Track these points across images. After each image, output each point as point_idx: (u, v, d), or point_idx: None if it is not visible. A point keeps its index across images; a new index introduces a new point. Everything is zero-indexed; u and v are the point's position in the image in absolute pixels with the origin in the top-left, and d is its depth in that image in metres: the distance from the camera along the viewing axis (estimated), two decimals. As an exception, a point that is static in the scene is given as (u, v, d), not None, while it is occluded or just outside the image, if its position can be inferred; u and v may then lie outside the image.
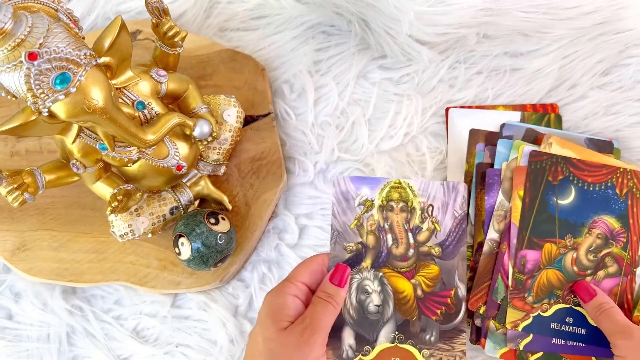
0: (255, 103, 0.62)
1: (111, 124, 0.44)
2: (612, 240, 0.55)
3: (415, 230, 0.50)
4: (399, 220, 0.50)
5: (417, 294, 0.49)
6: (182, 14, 0.65)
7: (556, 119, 0.61)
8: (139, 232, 0.55)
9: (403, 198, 0.50)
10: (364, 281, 0.49)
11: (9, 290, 0.61)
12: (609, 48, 0.62)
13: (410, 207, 0.50)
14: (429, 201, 0.51)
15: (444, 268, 0.50)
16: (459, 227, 0.50)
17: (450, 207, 0.51)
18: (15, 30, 0.39)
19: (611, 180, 0.56)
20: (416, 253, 0.50)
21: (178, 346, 0.60)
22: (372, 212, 0.50)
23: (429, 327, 0.49)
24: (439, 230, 0.50)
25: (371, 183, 0.51)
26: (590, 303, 0.52)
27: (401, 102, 0.63)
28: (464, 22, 0.60)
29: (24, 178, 0.48)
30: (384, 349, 0.48)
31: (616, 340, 0.48)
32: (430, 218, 0.50)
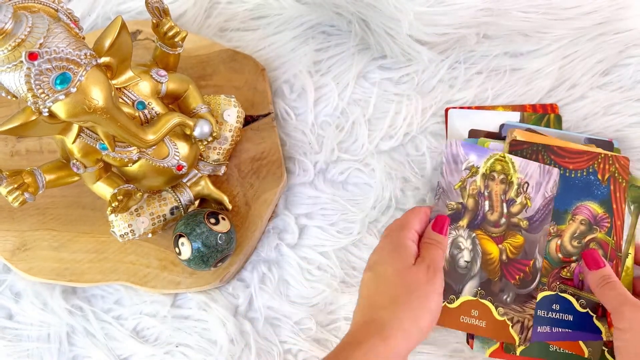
0: (255, 103, 0.62)
1: (111, 124, 0.44)
2: (595, 225, 0.56)
3: (510, 202, 0.56)
4: (497, 190, 0.56)
5: (502, 258, 0.55)
6: (182, 14, 0.65)
7: (556, 119, 0.61)
8: (139, 232, 0.55)
9: (504, 171, 0.56)
10: (458, 238, 0.55)
11: (9, 290, 0.61)
12: (609, 48, 0.62)
13: (509, 181, 0.56)
14: (525, 178, 0.56)
15: (528, 240, 0.55)
16: (547, 207, 0.56)
17: (543, 187, 0.56)
18: (15, 30, 0.39)
19: (592, 166, 0.56)
20: (507, 222, 0.55)
21: (178, 346, 0.60)
22: (475, 178, 0.56)
23: (507, 288, 0.54)
24: (529, 206, 0.56)
25: (479, 151, 0.56)
26: (596, 272, 0.52)
27: (401, 102, 0.63)
28: (463, 22, 0.60)
29: (24, 178, 0.48)
30: (466, 300, 0.54)
31: (625, 310, 0.48)
32: (524, 194, 0.56)
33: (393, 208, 0.61)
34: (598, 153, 0.57)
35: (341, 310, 0.60)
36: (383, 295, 0.48)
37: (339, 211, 0.62)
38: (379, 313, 0.47)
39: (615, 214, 0.56)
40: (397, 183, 0.62)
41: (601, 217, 0.56)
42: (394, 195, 0.61)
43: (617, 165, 0.57)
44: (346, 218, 0.62)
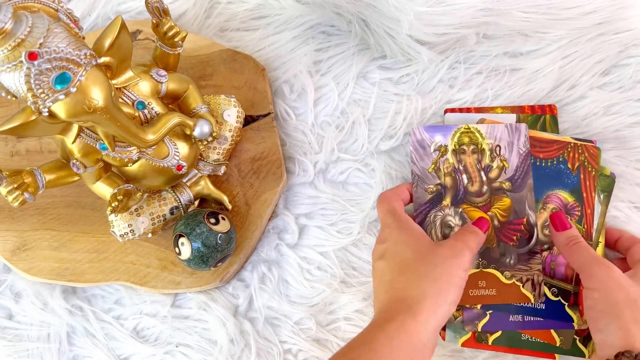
0: (255, 103, 0.62)
1: (111, 124, 0.44)
2: (566, 214, 0.56)
3: (487, 169, 0.57)
4: (471, 161, 0.57)
5: (494, 224, 0.56)
6: (182, 14, 0.65)
7: (552, 120, 0.61)
8: (139, 232, 0.55)
9: (473, 141, 0.57)
10: (446, 217, 0.56)
11: (9, 290, 0.61)
12: (609, 48, 0.62)
13: (480, 149, 0.57)
14: (496, 142, 0.57)
15: (515, 199, 0.56)
16: (524, 162, 0.56)
17: (515, 145, 0.57)
18: (15, 30, 0.39)
19: (562, 155, 0.57)
20: (489, 189, 0.56)
21: (178, 346, 0.60)
22: (446, 157, 0.57)
23: (507, 251, 0.55)
24: (507, 167, 0.56)
25: (443, 130, 0.57)
26: (563, 233, 0.52)
27: (401, 102, 0.63)
28: (463, 23, 0.60)
29: (24, 178, 0.48)
30: (472, 273, 0.55)
31: (593, 268, 0.48)
32: (498, 157, 0.57)
33: (393, 208, 0.62)
34: (567, 142, 0.57)
35: (341, 310, 0.60)
36: (407, 276, 0.48)
37: (338, 211, 0.62)
38: (405, 292, 0.47)
39: (586, 202, 0.56)
40: (397, 183, 0.62)
41: (572, 205, 0.56)
42: (393, 195, 0.61)
43: (587, 154, 0.57)
44: (346, 218, 0.62)
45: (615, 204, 0.60)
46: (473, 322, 0.55)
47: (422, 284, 0.47)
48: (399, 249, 0.50)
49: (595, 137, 0.61)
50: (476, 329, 0.55)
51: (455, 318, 0.56)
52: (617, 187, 0.60)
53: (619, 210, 0.60)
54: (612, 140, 0.62)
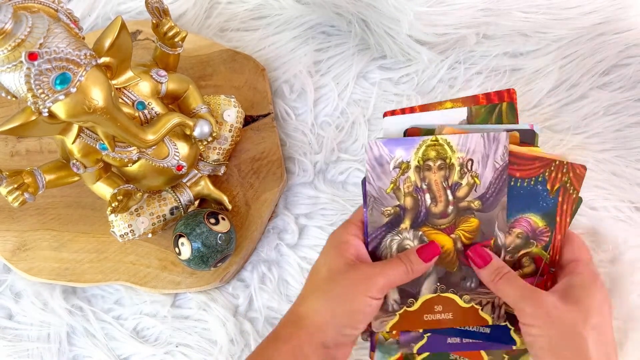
0: (255, 103, 0.62)
1: (111, 124, 0.44)
2: (533, 239, 0.50)
3: (454, 187, 0.49)
4: (437, 178, 0.49)
5: (457, 247, 0.50)
6: (182, 14, 0.65)
7: (508, 109, 0.51)
8: (139, 232, 0.55)
9: (441, 155, 0.49)
10: (404, 241, 0.50)
11: (10, 290, 0.61)
12: (609, 48, 0.62)
13: (448, 164, 0.49)
14: (468, 156, 0.49)
15: (484, 220, 0.50)
16: (500, 178, 0.49)
17: (491, 158, 0.49)
18: (15, 31, 0.39)
19: (543, 174, 0.49)
20: (455, 209, 0.49)
21: (178, 346, 0.60)
22: (408, 174, 0.49)
23: (469, 275, 0.50)
24: (478, 184, 0.49)
25: (406, 144, 0.49)
26: (486, 268, 0.48)
27: (401, 102, 0.63)
28: (463, 23, 0.60)
29: (24, 178, 0.48)
30: (427, 299, 0.50)
31: (525, 304, 0.45)
32: (469, 173, 0.49)
33: (393, 208, 0.62)
34: (552, 160, 0.49)
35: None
36: (313, 293, 0.47)
37: (338, 211, 0.62)
38: (300, 307, 0.47)
39: (558, 228, 0.50)
40: (397, 183, 0.62)
41: (541, 230, 0.50)
42: (394, 195, 0.61)
43: (571, 174, 0.49)
44: (346, 218, 0.62)
45: (615, 204, 0.60)
46: (409, 345, 0.52)
47: (317, 302, 0.46)
48: (318, 267, 0.48)
49: (595, 137, 0.61)
50: (411, 351, 0.52)
51: (386, 340, 0.52)
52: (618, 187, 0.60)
53: (619, 211, 0.60)
54: (612, 140, 0.62)
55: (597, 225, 0.61)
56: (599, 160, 0.62)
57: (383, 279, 0.46)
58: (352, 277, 0.46)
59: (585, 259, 0.48)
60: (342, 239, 0.48)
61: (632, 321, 0.59)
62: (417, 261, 0.47)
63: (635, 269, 0.59)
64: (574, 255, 0.48)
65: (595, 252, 0.61)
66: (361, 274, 0.46)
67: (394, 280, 0.47)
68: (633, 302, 0.59)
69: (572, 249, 0.49)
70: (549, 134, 0.63)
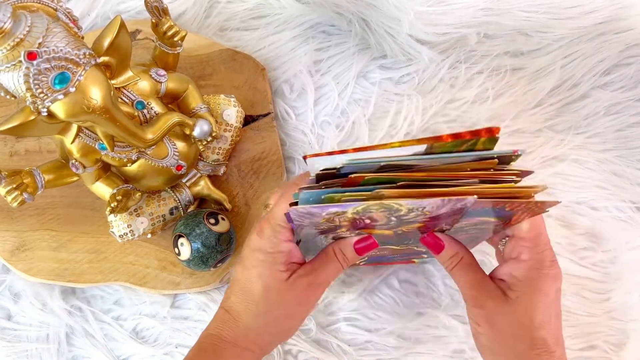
0: (255, 103, 0.62)
1: (110, 124, 0.44)
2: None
3: (401, 217, 0.41)
4: (380, 215, 0.40)
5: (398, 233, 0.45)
6: (181, 14, 0.65)
7: (487, 141, 0.37)
8: (138, 232, 0.55)
9: (387, 208, 0.38)
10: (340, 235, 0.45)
11: (9, 290, 0.60)
12: (610, 47, 0.62)
13: (395, 209, 0.39)
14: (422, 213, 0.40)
15: (430, 225, 0.43)
16: (454, 215, 0.41)
17: (452, 218, 0.41)
18: (14, 30, 0.39)
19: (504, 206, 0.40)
20: (398, 221, 0.41)
21: (177, 347, 0.59)
22: (344, 216, 0.40)
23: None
24: (427, 214, 0.40)
25: (339, 207, 0.38)
26: (440, 255, 0.46)
27: (401, 101, 0.63)
28: (464, 22, 0.59)
29: (23, 178, 0.48)
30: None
31: (470, 304, 0.45)
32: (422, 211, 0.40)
33: (393, 208, 0.61)
34: (519, 203, 0.39)
35: (341, 311, 0.60)
36: (250, 308, 0.45)
37: (339, 211, 0.62)
38: (237, 320, 0.46)
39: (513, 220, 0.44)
40: (397, 183, 0.61)
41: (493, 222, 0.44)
42: (394, 195, 0.61)
43: (535, 208, 0.40)
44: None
45: (616, 204, 0.60)
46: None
47: (255, 321, 0.45)
48: (251, 280, 0.45)
49: (596, 137, 0.61)
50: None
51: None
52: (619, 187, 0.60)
53: (620, 211, 0.60)
54: (613, 140, 0.61)
55: (598, 225, 0.61)
56: (600, 160, 0.62)
57: (322, 288, 0.46)
58: (291, 298, 0.45)
59: (534, 238, 0.43)
60: (274, 247, 0.44)
61: (632, 321, 0.59)
62: (353, 257, 0.46)
63: (636, 269, 0.59)
64: (525, 231, 0.43)
65: (595, 252, 0.61)
66: (300, 293, 0.44)
67: (330, 281, 0.46)
68: (634, 302, 0.59)
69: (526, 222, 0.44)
70: (550, 134, 0.63)
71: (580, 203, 0.61)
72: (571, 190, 0.62)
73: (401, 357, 0.58)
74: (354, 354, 0.58)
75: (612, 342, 0.59)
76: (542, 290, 0.43)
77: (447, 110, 0.63)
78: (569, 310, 0.59)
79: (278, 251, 0.44)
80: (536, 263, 0.43)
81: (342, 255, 0.46)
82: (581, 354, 0.59)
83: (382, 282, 0.60)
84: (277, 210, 0.44)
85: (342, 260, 0.46)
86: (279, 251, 0.44)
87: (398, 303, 0.59)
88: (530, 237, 0.43)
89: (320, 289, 0.46)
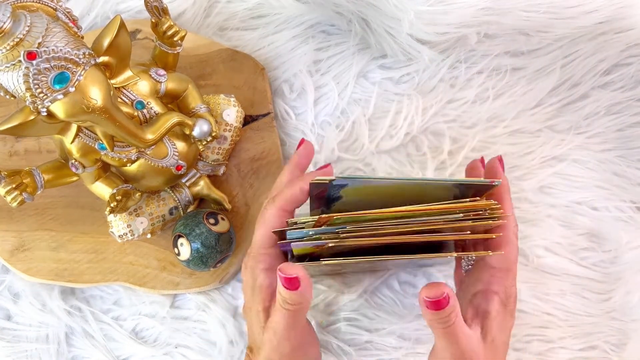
0: (255, 103, 0.62)
1: (110, 124, 0.44)
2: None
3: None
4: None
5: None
6: (181, 14, 0.65)
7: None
8: (138, 232, 0.55)
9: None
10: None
11: (8, 290, 0.60)
12: (611, 47, 0.62)
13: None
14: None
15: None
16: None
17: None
18: (14, 30, 0.39)
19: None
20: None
21: (177, 347, 0.59)
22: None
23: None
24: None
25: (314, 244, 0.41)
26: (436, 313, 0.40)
27: (401, 101, 0.63)
28: (464, 22, 0.59)
29: (22, 178, 0.48)
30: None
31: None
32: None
33: (393, 208, 0.61)
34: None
35: (341, 311, 0.60)
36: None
37: (339, 211, 0.62)
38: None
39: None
40: (397, 183, 0.61)
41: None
42: (394, 195, 0.61)
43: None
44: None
45: (617, 204, 0.60)
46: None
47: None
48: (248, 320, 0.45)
49: (597, 137, 0.60)
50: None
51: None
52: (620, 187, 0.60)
53: (621, 211, 0.60)
54: (613, 140, 0.61)
55: (598, 226, 0.61)
56: (601, 160, 0.62)
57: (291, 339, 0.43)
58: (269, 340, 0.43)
59: (507, 270, 0.43)
60: (254, 281, 0.44)
61: (633, 322, 0.59)
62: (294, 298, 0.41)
63: (637, 269, 0.59)
64: (497, 261, 0.43)
65: (596, 252, 0.61)
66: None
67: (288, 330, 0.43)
68: (634, 303, 0.59)
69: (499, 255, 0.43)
70: (550, 134, 0.63)
71: (580, 203, 0.61)
72: (571, 190, 0.61)
73: (401, 357, 0.58)
74: (354, 354, 0.58)
75: (613, 342, 0.59)
76: (506, 330, 0.42)
77: (447, 110, 0.63)
78: (569, 310, 0.59)
79: (258, 285, 0.44)
80: (505, 298, 0.43)
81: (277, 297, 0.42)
82: (581, 354, 0.59)
83: (382, 284, 0.60)
84: (257, 236, 0.44)
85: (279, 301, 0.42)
86: (259, 285, 0.44)
87: (398, 304, 0.59)
88: (502, 267, 0.42)
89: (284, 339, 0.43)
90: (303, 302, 0.41)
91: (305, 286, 0.40)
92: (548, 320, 0.59)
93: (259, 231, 0.44)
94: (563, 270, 0.60)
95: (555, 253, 0.60)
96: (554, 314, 0.59)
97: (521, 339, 0.59)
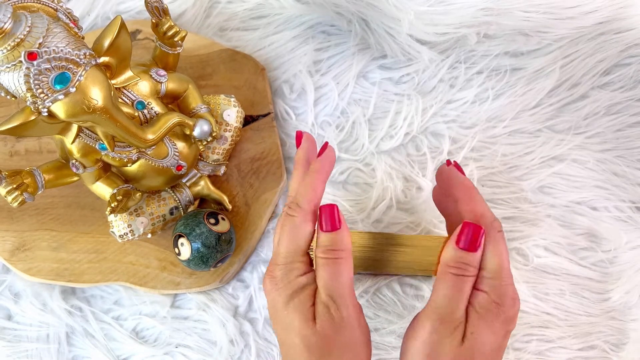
0: (255, 103, 0.62)
1: (111, 124, 0.44)
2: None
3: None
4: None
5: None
6: (181, 14, 0.65)
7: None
8: (138, 232, 0.55)
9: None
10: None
11: (9, 290, 0.61)
12: (610, 47, 0.62)
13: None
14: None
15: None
16: None
17: None
18: (14, 30, 0.39)
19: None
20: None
21: (178, 346, 0.59)
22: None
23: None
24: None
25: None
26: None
27: (401, 101, 0.63)
28: (464, 22, 0.59)
29: (23, 178, 0.48)
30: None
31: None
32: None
33: (394, 208, 0.61)
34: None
35: (341, 310, 0.60)
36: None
37: (339, 211, 0.62)
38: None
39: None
40: (398, 183, 0.62)
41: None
42: (394, 195, 0.61)
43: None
44: (346, 218, 0.62)
45: (616, 204, 0.60)
46: None
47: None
48: (290, 338, 0.41)
49: (596, 137, 0.61)
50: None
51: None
52: (619, 187, 0.60)
53: (620, 211, 0.60)
54: (613, 140, 0.61)
55: (598, 226, 0.61)
56: (600, 160, 0.62)
57: (350, 308, 0.40)
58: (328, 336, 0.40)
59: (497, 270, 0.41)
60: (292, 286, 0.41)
61: (632, 321, 0.59)
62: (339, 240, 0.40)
63: (636, 269, 0.59)
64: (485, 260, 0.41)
65: (595, 252, 0.61)
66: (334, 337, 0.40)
67: (347, 293, 0.40)
68: (633, 302, 0.59)
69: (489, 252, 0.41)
70: (550, 134, 0.63)
71: (580, 203, 0.61)
72: (571, 190, 0.62)
73: (401, 357, 0.58)
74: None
75: (612, 342, 0.59)
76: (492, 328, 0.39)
77: (447, 111, 0.63)
78: (569, 310, 0.59)
79: (296, 291, 0.40)
80: (497, 297, 0.40)
81: (321, 251, 0.40)
82: (581, 354, 0.59)
83: (384, 285, 0.60)
84: (281, 249, 0.42)
85: (328, 252, 0.40)
86: (297, 291, 0.40)
87: (398, 304, 0.59)
88: (491, 268, 0.41)
89: (345, 308, 0.40)
90: (345, 250, 0.39)
91: (345, 228, 0.39)
92: (547, 320, 0.59)
93: (283, 243, 0.41)
94: (562, 270, 0.60)
95: (554, 253, 0.60)
96: (553, 313, 0.59)
97: (520, 338, 0.59)
